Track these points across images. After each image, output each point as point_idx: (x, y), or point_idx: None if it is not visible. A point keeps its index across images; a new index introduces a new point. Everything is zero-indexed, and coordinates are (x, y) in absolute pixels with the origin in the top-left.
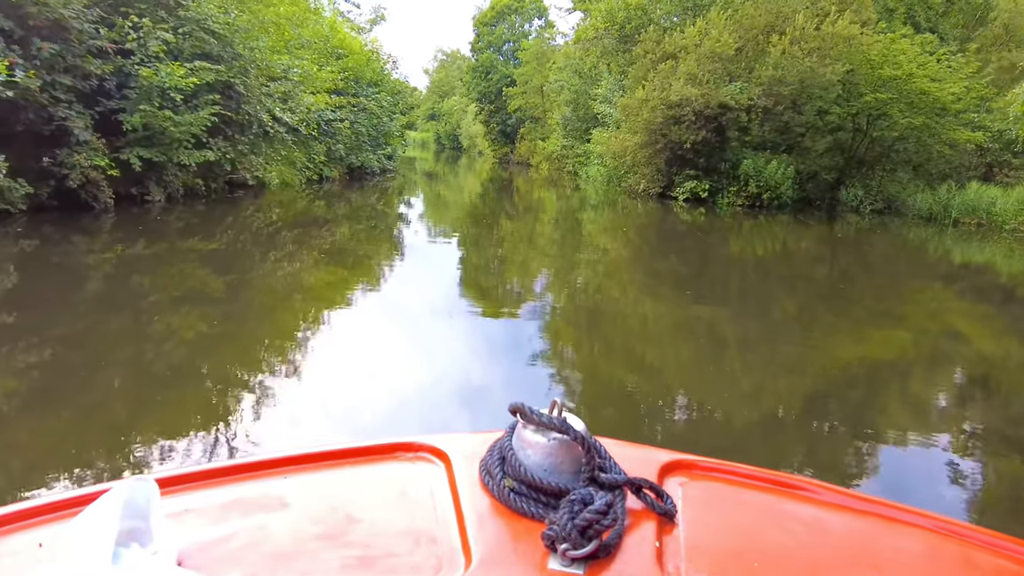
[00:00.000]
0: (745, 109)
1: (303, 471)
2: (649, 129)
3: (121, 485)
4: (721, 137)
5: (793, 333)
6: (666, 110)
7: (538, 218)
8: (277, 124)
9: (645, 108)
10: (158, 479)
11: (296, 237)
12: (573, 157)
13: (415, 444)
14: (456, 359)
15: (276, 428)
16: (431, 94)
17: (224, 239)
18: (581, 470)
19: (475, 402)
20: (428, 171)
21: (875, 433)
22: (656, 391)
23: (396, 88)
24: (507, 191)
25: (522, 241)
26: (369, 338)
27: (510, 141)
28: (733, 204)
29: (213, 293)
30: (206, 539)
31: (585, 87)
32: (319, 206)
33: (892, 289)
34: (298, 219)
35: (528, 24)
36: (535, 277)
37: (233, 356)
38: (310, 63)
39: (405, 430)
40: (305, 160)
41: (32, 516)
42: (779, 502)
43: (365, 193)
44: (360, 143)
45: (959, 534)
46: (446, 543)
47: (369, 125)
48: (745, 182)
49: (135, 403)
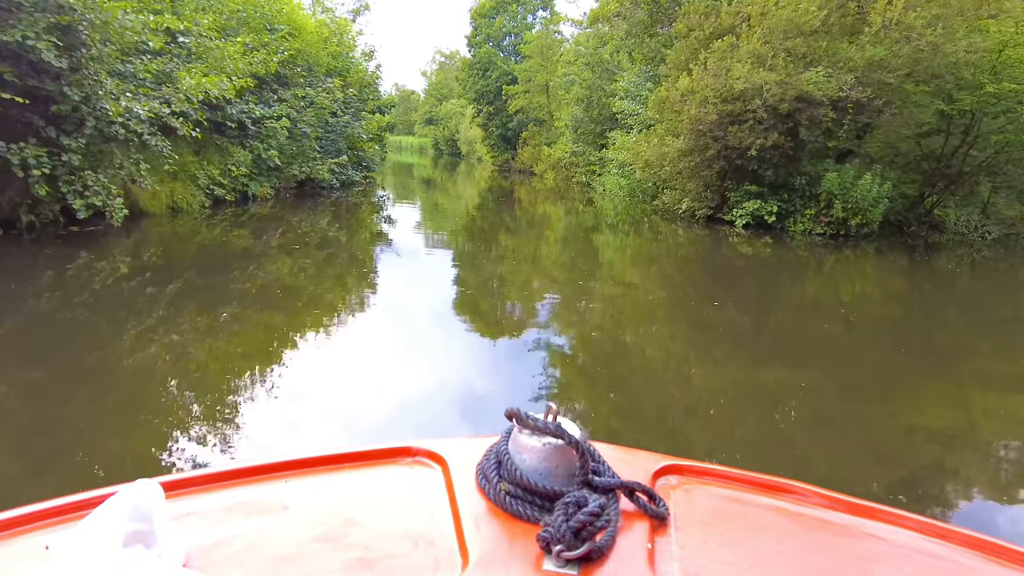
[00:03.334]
0: (831, 104)
1: (304, 475)
2: (696, 130)
3: (127, 488)
4: (795, 142)
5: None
6: (721, 104)
7: (542, 238)
8: (136, 121)
9: (692, 102)
10: (163, 482)
11: (179, 293)
12: (584, 165)
13: (413, 449)
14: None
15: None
16: (429, 97)
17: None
18: (575, 474)
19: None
20: (426, 178)
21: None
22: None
23: (364, 79)
24: (507, 204)
25: (521, 280)
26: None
27: (511, 146)
28: (810, 232)
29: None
30: (210, 541)
31: (600, 82)
32: (235, 238)
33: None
34: (193, 261)
35: (531, 16)
36: (542, 324)
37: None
38: (237, 44)
39: None
40: (217, 173)
41: (39, 519)
42: (770, 505)
43: (315, 214)
44: (304, 149)
45: (949, 536)
46: (443, 545)
47: (318, 124)
48: (828, 203)
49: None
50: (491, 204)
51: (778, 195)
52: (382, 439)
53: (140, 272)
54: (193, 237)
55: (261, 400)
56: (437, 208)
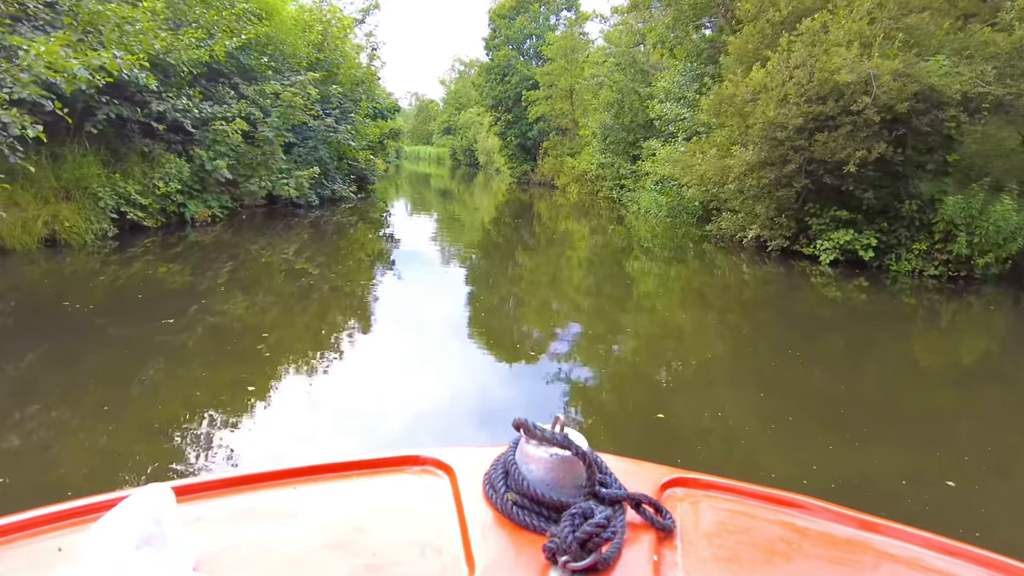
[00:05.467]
0: (960, 103)
1: (313, 482)
2: (772, 138)
3: (139, 492)
4: (904, 155)
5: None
6: (806, 105)
7: (564, 259)
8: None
9: (767, 102)
10: (175, 487)
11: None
12: (613, 179)
13: (422, 457)
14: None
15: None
16: (448, 106)
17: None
18: (582, 485)
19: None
20: (442, 189)
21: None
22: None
23: (355, 76)
24: (525, 219)
25: (538, 309)
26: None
27: (530, 157)
28: (919, 272)
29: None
30: (220, 546)
31: (633, 85)
32: (168, 278)
33: None
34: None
35: (555, 16)
36: (556, 375)
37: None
38: (142, 9)
39: None
40: (136, 190)
41: (53, 521)
42: (777, 519)
43: (285, 239)
44: (264, 158)
45: (957, 553)
46: (450, 554)
47: (284, 127)
48: (946, 235)
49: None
50: (506, 220)
51: (875, 224)
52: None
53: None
54: (69, 284)
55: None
56: (449, 225)
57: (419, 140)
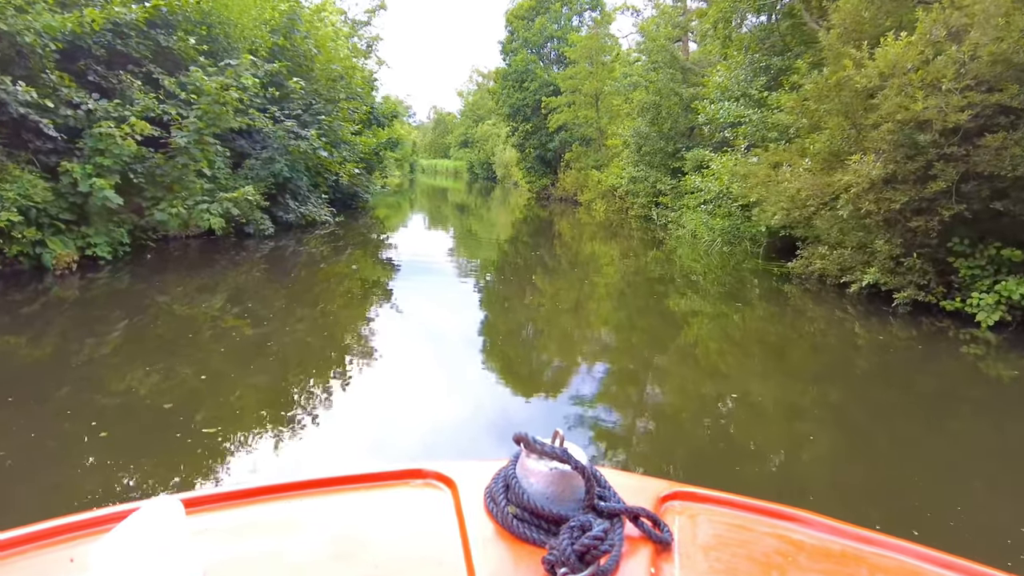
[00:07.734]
0: None
1: (318, 495)
2: (905, 144)
3: (149, 504)
4: None
5: None
6: (968, 94)
7: (593, 299)
8: None
9: (910, 91)
10: (184, 499)
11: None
12: (647, 195)
13: (424, 471)
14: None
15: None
16: (465, 119)
17: None
18: (581, 498)
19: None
20: (460, 203)
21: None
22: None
23: (331, 72)
24: (544, 239)
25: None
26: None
27: (551, 170)
28: None
29: None
30: (227, 557)
31: (674, 85)
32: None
33: None
34: None
35: (577, 18)
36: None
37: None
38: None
39: None
40: None
41: (65, 532)
42: (774, 532)
43: (208, 285)
44: (182, 176)
45: (952, 567)
46: (451, 566)
47: (207, 131)
48: None
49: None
50: (523, 239)
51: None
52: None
53: None
54: None
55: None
56: (464, 243)
57: (437, 153)
